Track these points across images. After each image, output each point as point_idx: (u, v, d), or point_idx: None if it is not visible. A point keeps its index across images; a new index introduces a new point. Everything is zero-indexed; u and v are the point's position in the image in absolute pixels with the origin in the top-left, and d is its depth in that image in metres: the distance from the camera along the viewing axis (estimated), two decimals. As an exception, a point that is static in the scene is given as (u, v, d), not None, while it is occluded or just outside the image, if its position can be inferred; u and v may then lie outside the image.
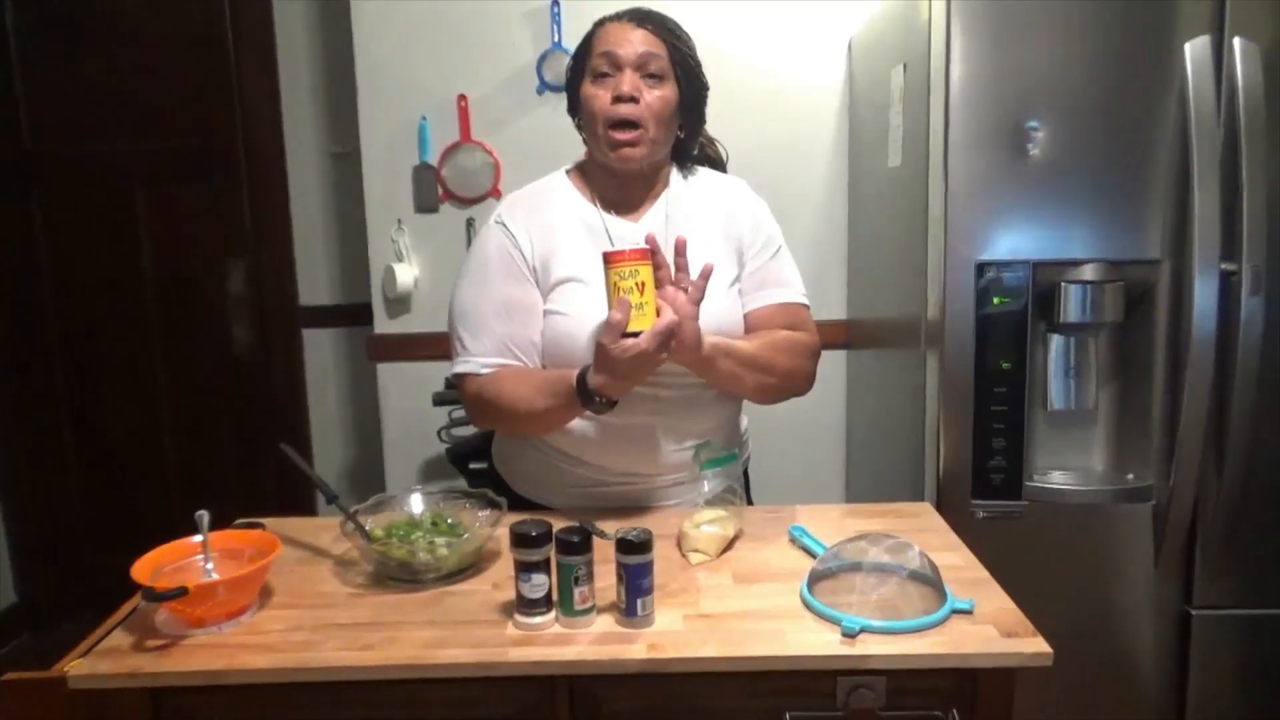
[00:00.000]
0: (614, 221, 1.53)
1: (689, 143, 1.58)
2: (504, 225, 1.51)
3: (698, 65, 1.53)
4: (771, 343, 1.51)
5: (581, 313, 1.46)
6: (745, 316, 1.56)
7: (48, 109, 2.86)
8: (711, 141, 1.71)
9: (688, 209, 1.56)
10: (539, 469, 1.57)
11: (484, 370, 1.48)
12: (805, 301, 1.60)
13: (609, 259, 1.31)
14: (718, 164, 1.72)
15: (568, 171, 1.60)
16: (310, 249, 2.90)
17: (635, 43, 1.45)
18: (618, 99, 1.44)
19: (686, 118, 1.54)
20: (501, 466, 1.67)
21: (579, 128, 1.56)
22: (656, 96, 1.46)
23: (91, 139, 2.87)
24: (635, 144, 1.46)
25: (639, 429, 1.49)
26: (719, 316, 1.49)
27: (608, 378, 1.34)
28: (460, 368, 1.51)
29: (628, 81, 1.44)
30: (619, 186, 1.54)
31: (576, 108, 1.53)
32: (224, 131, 2.82)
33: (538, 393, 1.44)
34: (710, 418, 1.55)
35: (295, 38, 2.78)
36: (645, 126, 1.46)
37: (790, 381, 1.54)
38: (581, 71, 1.51)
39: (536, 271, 1.50)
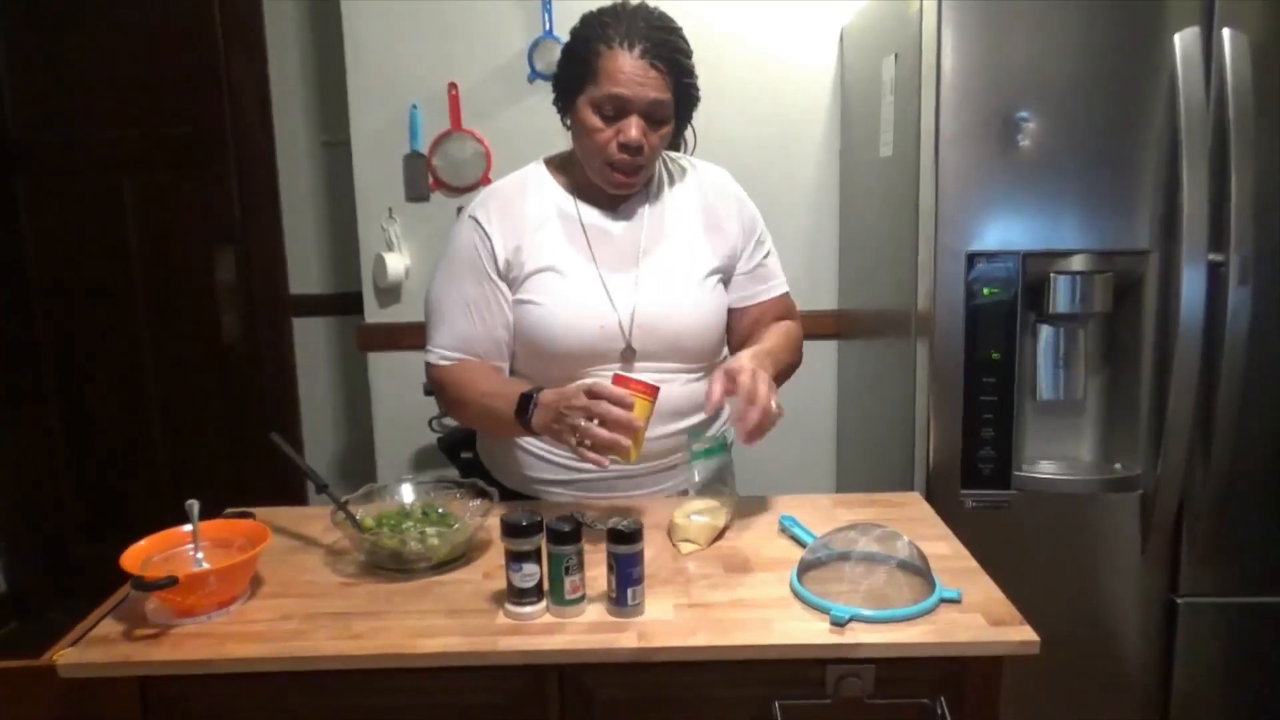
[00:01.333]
0: (591, 213, 1.53)
1: (674, 141, 1.58)
2: (475, 220, 1.52)
3: (698, 93, 1.49)
4: (781, 345, 1.55)
5: (555, 301, 1.48)
6: (745, 311, 1.61)
7: (33, 96, 2.83)
8: None
9: (669, 201, 1.57)
10: (520, 460, 1.58)
11: (442, 361, 1.52)
12: (788, 289, 1.67)
13: (616, 380, 1.32)
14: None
15: (546, 161, 1.59)
16: (300, 238, 2.88)
17: (647, 89, 1.40)
18: (623, 147, 1.42)
19: (676, 129, 1.53)
20: (485, 457, 1.68)
21: (567, 126, 1.53)
22: (658, 136, 1.46)
23: (78, 127, 2.84)
24: (634, 185, 1.49)
25: None
26: (699, 305, 1.54)
27: (549, 403, 1.35)
28: (426, 357, 1.55)
29: (635, 129, 1.41)
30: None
31: (567, 110, 1.49)
32: (213, 119, 2.80)
33: (493, 388, 1.48)
34: (701, 403, 1.55)
35: (284, 24, 2.76)
36: (646, 165, 1.47)
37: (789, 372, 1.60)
38: (580, 81, 1.44)
39: (510, 266, 1.50)
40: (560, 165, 1.58)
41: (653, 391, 1.31)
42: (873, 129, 2.18)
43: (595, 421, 1.27)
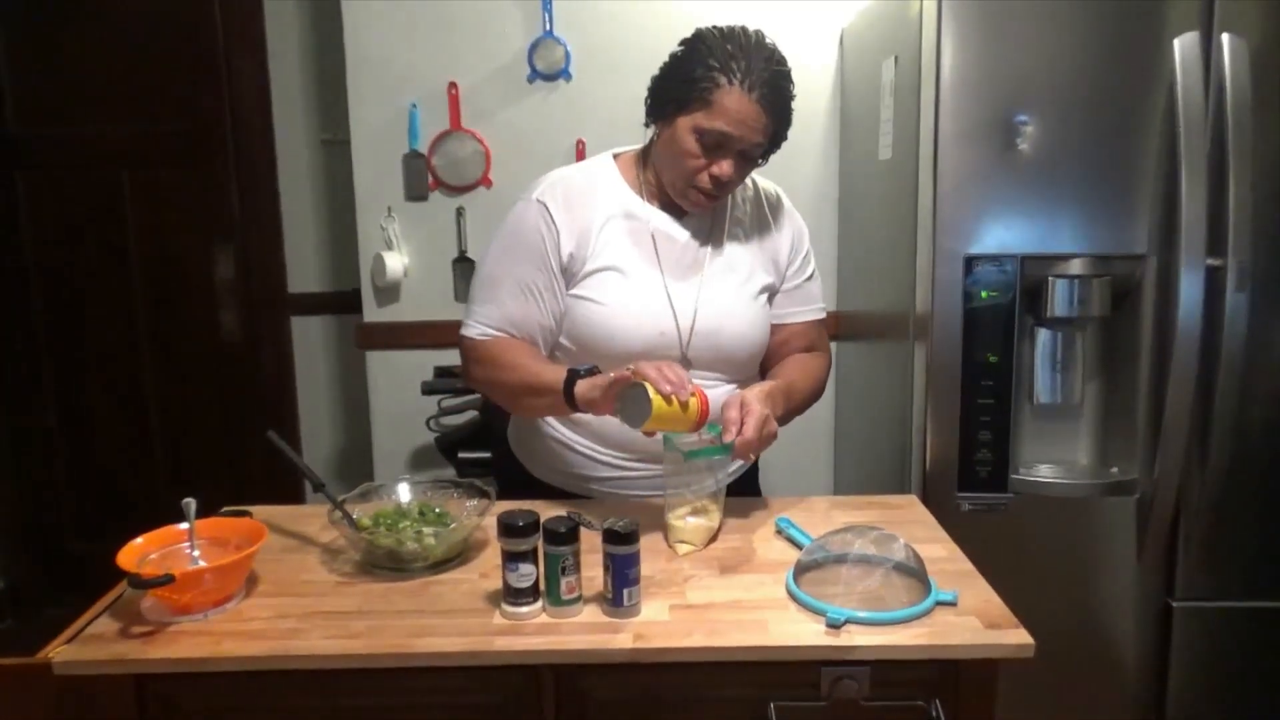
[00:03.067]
0: (659, 217, 1.53)
1: None
2: (544, 206, 1.49)
3: (788, 132, 1.50)
4: (800, 380, 1.55)
5: (616, 302, 1.48)
6: (778, 328, 1.61)
7: (32, 91, 2.82)
8: None
9: (731, 213, 1.58)
10: (553, 453, 1.58)
11: (480, 336, 1.51)
12: (825, 314, 1.68)
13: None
14: None
15: (615, 156, 1.58)
16: (299, 236, 2.88)
17: (754, 133, 1.41)
18: (713, 179, 1.44)
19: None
20: (517, 448, 1.68)
21: (647, 125, 1.52)
22: (743, 170, 1.48)
23: (77, 122, 2.83)
24: (711, 207, 1.52)
25: None
26: (752, 320, 1.55)
27: (598, 380, 1.35)
28: (464, 330, 1.54)
29: (731, 167, 1.43)
30: None
31: (662, 120, 1.47)
32: (212, 116, 2.79)
33: (537, 361, 1.48)
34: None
35: (285, 22, 2.76)
36: (727, 194, 1.51)
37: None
38: (687, 102, 1.42)
39: (573, 259, 1.49)
40: (633, 164, 1.57)
41: (706, 405, 1.32)
42: (872, 131, 2.18)
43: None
